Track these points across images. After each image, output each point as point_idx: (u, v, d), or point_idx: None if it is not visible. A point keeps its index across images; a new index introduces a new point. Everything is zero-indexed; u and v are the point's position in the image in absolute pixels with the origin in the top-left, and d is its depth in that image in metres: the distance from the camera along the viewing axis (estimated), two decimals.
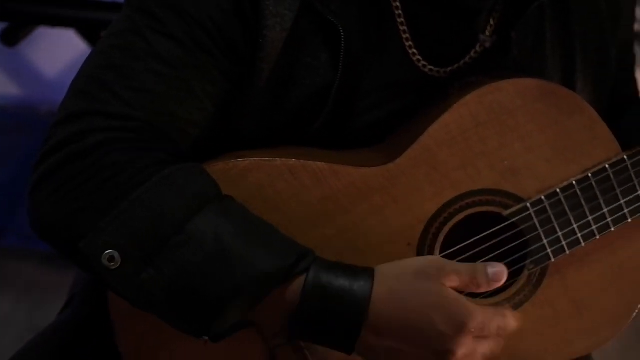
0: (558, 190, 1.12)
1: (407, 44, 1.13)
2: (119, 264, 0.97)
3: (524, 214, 1.12)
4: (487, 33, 1.16)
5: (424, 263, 1.05)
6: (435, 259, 1.08)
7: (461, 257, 1.12)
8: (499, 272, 1.04)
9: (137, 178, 0.99)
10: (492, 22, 1.16)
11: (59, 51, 2.78)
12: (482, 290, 1.04)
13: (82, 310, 1.27)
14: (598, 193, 1.13)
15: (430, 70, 1.15)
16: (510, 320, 1.05)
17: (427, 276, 1.02)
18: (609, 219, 1.14)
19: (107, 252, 0.96)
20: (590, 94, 1.22)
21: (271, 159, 1.07)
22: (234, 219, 1.00)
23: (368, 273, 1.01)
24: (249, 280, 0.98)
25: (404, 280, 1.02)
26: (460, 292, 1.04)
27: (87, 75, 1.06)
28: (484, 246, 1.12)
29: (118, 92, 1.02)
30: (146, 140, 1.02)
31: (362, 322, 0.99)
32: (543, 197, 1.12)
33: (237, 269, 0.97)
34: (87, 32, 2.48)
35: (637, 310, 1.19)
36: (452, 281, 1.02)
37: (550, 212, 1.12)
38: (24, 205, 1.04)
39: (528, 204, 1.11)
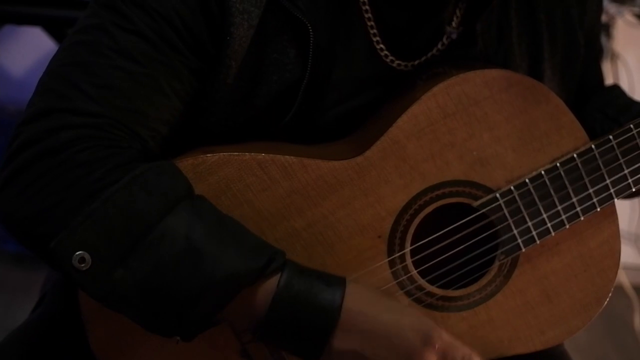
0: (527, 180, 1.12)
1: (374, 39, 1.13)
2: (89, 265, 0.96)
3: (494, 205, 1.12)
4: (454, 25, 1.16)
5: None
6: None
7: (432, 249, 1.12)
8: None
9: (108, 177, 0.97)
10: (458, 13, 1.16)
11: (25, 49, 2.75)
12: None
13: (53, 309, 1.26)
14: (567, 182, 1.14)
15: (398, 64, 1.15)
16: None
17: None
18: (578, 208, 1.15)
19: (77, 253, 0.95)
20: (558, 83, 1.22)
21: (240, 153, 1.06)
22: (205, 218, 0.99)
23: (340, 282, 1.02)
24: (219, 279, 0.97)
25: (376, 293, 1.02)
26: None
27: (53, 73, 1.05)
28: (454, 237, 1.12)
29: (84, 88, 1.01)
30: (115, 137, 1.01)
31: (330, 330, 0.99)
32: (512, 188, 1.12)
33: (207, 269, 0.97)
34: (54, 30, 2.46)
35: (607, 299, 1.20)
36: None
37: (519, 202, 1.13)
38: None
39: (497, 195, 1.12)
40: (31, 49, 2.75)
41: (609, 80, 1.39)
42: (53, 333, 1.22)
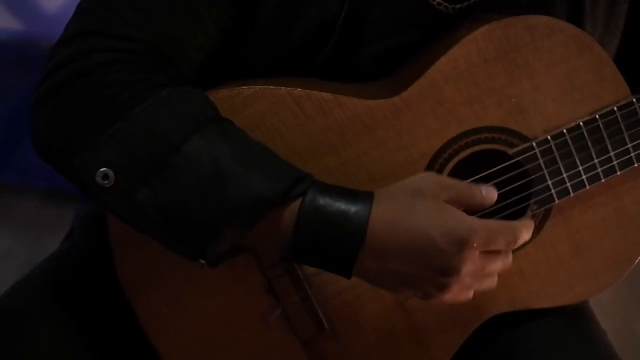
0: (564, 130, 1.11)
1: None
2: (112, 182, 0.96)
3: (529, 154, 1.11)
4: None
5: (419, 179, 1.03)
6: (431, 174, 1.07)
7: None
8: (491, 191, 1.03)
9: (135, 98, 0.98)
10: None
11: None
12: (475, 207, 1.03)
13: (82, 242, 1.27)
14: (605, 135, 1.12)
15: (439, 4, 1.13)
16: (522, 231, 1.02)
17: (422, 192, 1.00)
18: (614, 162, 1.13)
19: (101, 169, 0.96)
20: (598, 39, 1.19)
21: (276, 87, 1.06)
22: (232, 141, 0.99)
23: (367, 196, 1.00)
24: (244, 202, 0.97)
25: (401, 200, 1.00)
26: None
27: None
28: (487, 184, 1.11)
29: (121, 12, 1.01)
30: (148, 62, 1.01)
31: (359, 245, 0.98)
32: (549, 137, 1.10)
33: (232, 191, 0.96)
34: None
35: (639, 258, 1.19)
36: (449, 195, 1.01)
37: (555, 152, 1.11)
38: (23, 141, 1.03)
39: (534, 144, 1.10)
40: None
41: None
42: (81, 265, 1.23)
